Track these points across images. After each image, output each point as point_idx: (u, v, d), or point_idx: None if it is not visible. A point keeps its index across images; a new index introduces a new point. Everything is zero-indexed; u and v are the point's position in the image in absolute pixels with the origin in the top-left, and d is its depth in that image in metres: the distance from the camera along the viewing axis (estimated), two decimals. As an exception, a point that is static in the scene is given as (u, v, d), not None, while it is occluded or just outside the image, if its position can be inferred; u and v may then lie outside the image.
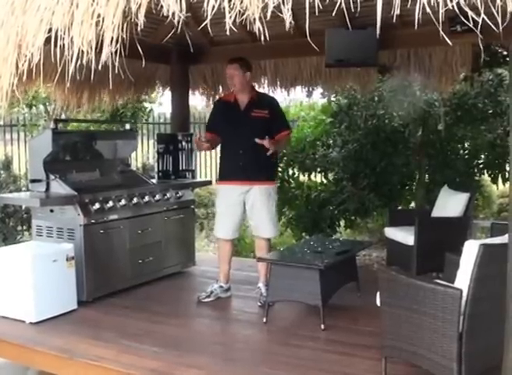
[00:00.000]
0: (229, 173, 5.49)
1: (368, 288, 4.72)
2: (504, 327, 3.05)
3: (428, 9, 2.17)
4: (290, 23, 2.31)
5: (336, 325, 4.72)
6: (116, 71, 2.81)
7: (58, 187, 5.41)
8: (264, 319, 4.83)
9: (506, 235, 3.07)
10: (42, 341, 4.48)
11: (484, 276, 3.24)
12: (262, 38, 2.39)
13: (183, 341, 4.56)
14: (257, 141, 5.11)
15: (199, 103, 9.96)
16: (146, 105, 11.02)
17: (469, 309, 3.22)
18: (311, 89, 7.78)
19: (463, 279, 3.31)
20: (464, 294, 3.22)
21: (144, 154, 10.97)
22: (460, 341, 3.21)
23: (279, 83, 7.34)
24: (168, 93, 7.85)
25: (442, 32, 2.32)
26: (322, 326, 4.62)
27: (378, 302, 3.74)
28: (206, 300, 5.45)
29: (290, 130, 5.67)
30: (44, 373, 4.49)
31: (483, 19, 2.16)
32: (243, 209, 5.48)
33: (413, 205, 9.08)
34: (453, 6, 2.15)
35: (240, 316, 5.24)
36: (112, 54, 2.68)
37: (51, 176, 5.43)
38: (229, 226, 5.52)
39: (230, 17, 2.38)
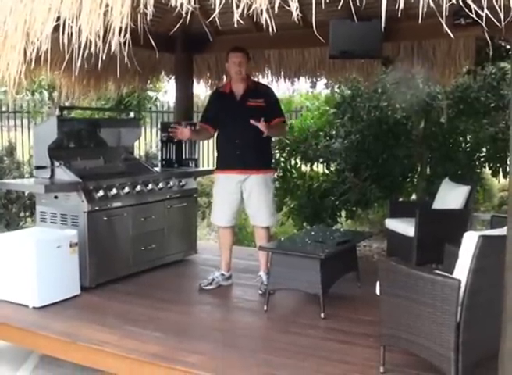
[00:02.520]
0: (226, 162, 5.55)
1: (368, 279, 4.76)
2: (501, 317, 3.09)
3: (431, 4, 2.21)
4: (298, 14, 2.34)
5: (336, 314, 4.77)
6: (125, 60, 2.85)
7: (63, 174, 5.45)
8: (265, 307, 4.89)
9: (505, 227, 3.11)
10: (45, 325, 4.54)
11: (482, 267, 3.29)
12: (270, 29, 2.43)
13: (185, 327, 4.63)
14: (252, 121, 5.17)
15: (202, 92, 10.02)
16: (151, 93, 11.05)
17: (467, 300, 3.27)
18: (314, 80, 7.80)
19: (461, 270, 3.36)
20: (463, 284, 3.27)
21: (146, 142, 11.01)
22: (457, 331, 3.27)
23: (282, 73, 7.36)
24: (172, 81, 7.88)
25: (445, 25, 2.36)
26: (322, 315, 4.68)
27: (377, 292, 3.79)
28: (207, 287, 5.51)
29: (284, 118, 5.73)
30: (47, 357, 4.56)
31: (480, 16, 2.20)
32: (241, 198, 5.53)
33: (414, 197, 9.11)
34: (457, 1, 2.19)
35: (241, 303, 5.29)
36: (120, 43, 2.72)
37: (56, 163, 5.48)
38: (226, 213, 5.58)
39: (238, 9, 2.42)
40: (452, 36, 2.55)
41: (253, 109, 5.38)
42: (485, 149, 8.87)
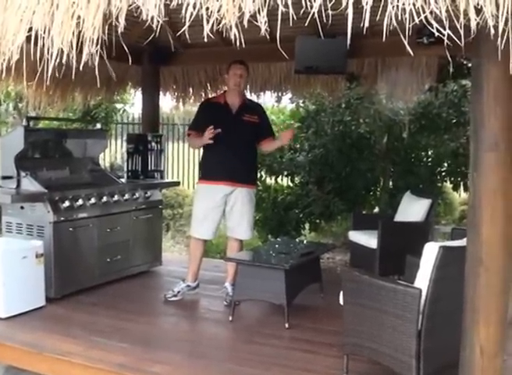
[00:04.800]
0: (214, 173, 5.52)
1: (331, 290, 4.86)
2: (461, 326, 3.20)
3: (394, 23, 2.30)
4: (266, 29, 2.42)
5: (300, 324, 4.84)
6: (96, 71, 2.89)
7: (29, 185, 5.44)
8: (230, 318, 4.94)
9: (465, 239, 3.22)
10: (11, 336, 4.53)
11: (442, 276, 3.40)
12: (238, 44, 2.50)
13: (150, 337, 4.65)
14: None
15: (166, 105, 10.05)
16: (118, 105, 11.07)
17: (428, 308, 3.37)
18: (280, 94, 7.90)
19: (422, 279, 3.45)
20: (424, 293, 3.37)
21: (111, 154, 10.99)
22: (419, 339, 3.36)
23: (248, 87, 7.43)
24: (138, 93, 7.92)
25: (407, 44, 2.45)
26: (286, 325, 4.74)
27: (341, 301, 3.87)
28: (172, 299, 5.53)
29: (275, 136, 5.83)
30: (13, 368, 4.53)
31: (443, 35, 2.29)
32: (223, 211, 5.55)
33: (376, 209, 9.24)
34: (420, 21, 2.28)
35: (207, 314, 5.34)
36: (91, 55, 2.76)
37: (22, 173, 5.46)
38: (208, 227, 5.58)
39: (208, 24, 2.49)
40: (412, 54, 2.64)
41: (247, 124, 5.46)
42: (446, 164, 9.05)
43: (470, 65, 7.16)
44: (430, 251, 3.43)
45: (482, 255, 3.07)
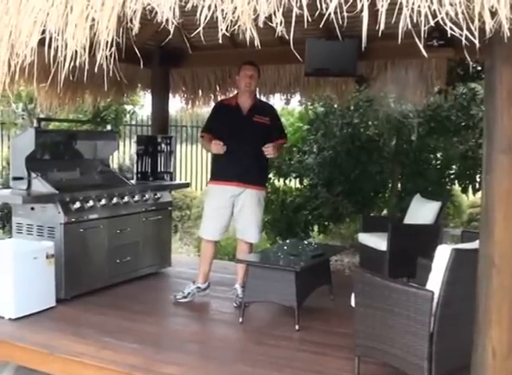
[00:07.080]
0: (223, 174, 5.53)
1: (341, 292, 4.87)
2: (473, 328, 3.20)
3: (409, 26, 2.31)
4: (281, 31, 2.42)
5: (310, 326, 4.84)
6: (110, 73, 2.91)
7: (40, 186, 5.45)
8: (241, 319, 4.94)
9: (477, 241, 3.22)
10: (22, 336, 4.54)
11: (455, 279, 3.39)
12: (250, 46, 2.51)
13: (161, 338, 4.66)
14: (265, 149, 5.28)
15: (174, 106, 10.04)
16: (128, 107, 11.10)
17: (440, 311, 3.37)
18: (289, 96, 7.90)
19: (434, 282, 3.46)
20: (436, 296, 3.37)
21: (120, 155, 11.02)
22: (431, 341, 3.36)
23: (258, 89, 7.42)
24: (148, 95, 7.94)
25: (421, 47, 2.45)
26: (297, 327, 4.74)
27: (352, 303, 3.87)
28: (182, 300, 5.53)
29: (286, 139, 5.87)
30: (23, 369, 4.54)
31: (461, 35, 2.29)
32: (232, 212, 5.55)
33: (385, 212, 9.24)
34: (435, 23, 2.29)
35: (217, 315, 5.35)
36: (106, 57, 2.77)
37: (33, 175, 5.48)
38: (216, 227, 5.59)
39: (223, 25, 2.50)
40: (426, 56, 2.64)
41: (258, 126, 5.43)
42: (454, 166, 9.06)
43: (479, 68, 7.19)
44: (442, 254, 3.43)
45: (495, 257, 3.07)
